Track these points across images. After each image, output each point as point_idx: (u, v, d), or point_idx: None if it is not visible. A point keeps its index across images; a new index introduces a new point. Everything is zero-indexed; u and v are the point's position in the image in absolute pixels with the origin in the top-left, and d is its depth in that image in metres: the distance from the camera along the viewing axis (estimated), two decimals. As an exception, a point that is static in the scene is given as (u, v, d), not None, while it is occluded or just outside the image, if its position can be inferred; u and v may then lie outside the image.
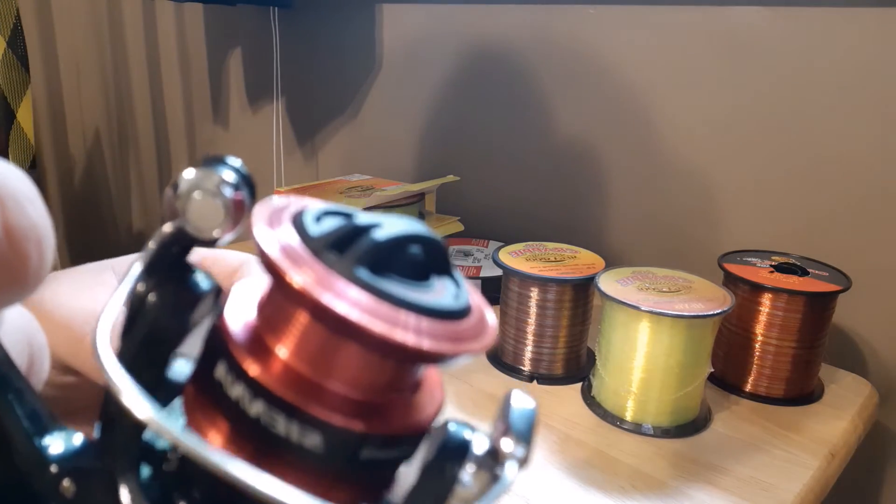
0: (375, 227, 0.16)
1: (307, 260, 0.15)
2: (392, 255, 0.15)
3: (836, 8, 0.66)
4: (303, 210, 0.16)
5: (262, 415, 0.15)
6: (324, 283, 0.14)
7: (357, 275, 0.15)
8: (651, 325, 0.51)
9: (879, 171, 0.66)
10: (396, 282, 0.15)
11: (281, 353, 0.15)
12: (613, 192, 0.85)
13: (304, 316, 0.15)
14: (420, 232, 0.16)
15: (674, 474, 0.48)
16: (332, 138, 1.19)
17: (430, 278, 0.16)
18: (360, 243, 0.15)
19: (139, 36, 1.55)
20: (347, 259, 0.15)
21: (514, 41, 0.91)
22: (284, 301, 0.16)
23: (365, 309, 0.14)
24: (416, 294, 0.15)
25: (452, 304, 0.16)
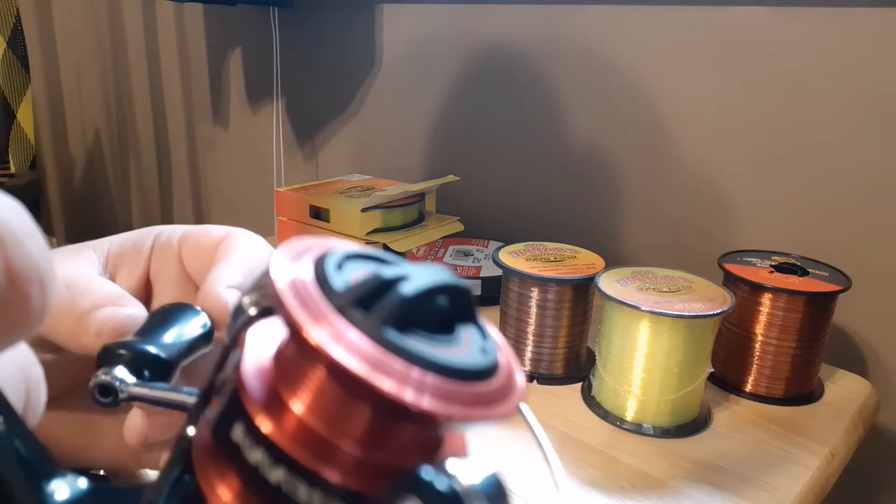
0: (403, 280, 0.15)
1: (330, 315, 0.14)
2: (418, 308, 0.15)
3: (845, 8, 0.66)
4: (325, 254, 0.16)
5: (282, 482, 0.15)
6: (341, 340, 0.14)
7: (385, 336, 0.14)
8: (651, 325, 0.51)
9: (880, 171, 0.66)
10: (421, 338, 0.15)
11: (299, 411, 0.15)
12: (613, 192, 0.85)
13: (322, 374, 0.15)
14: (447, 282, 0.15)
15: (674, 474, 0.48)
16: (332, 138, 1.19)
17: (455, 329, 0.16)
18: (387, 300, 0.15)
19: (139, 36, 1.55)
20: (374, 318, 0.14)
21: (514, 41, 0.91)
22: (303, 358, 0.15)
23: (383, 369, 0.14)
24: (442, 351, 0.14)
25: (479, 361, 0.15)
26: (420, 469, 0.14)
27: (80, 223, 1.91)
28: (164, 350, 0.22)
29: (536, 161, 0.92)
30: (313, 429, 0.15)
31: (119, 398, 0.20)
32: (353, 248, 0.17)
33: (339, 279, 0.15)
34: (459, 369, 0.14)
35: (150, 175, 1.65)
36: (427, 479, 0.14)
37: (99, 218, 1.86)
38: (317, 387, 0.15)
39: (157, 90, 1.55)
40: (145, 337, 0.22)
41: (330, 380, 0.15)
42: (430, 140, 1.05)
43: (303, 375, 0.15)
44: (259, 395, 0.15)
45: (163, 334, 0.23)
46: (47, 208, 1.96)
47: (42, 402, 0.17)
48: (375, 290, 0.15)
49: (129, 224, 1.79)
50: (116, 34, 1.63)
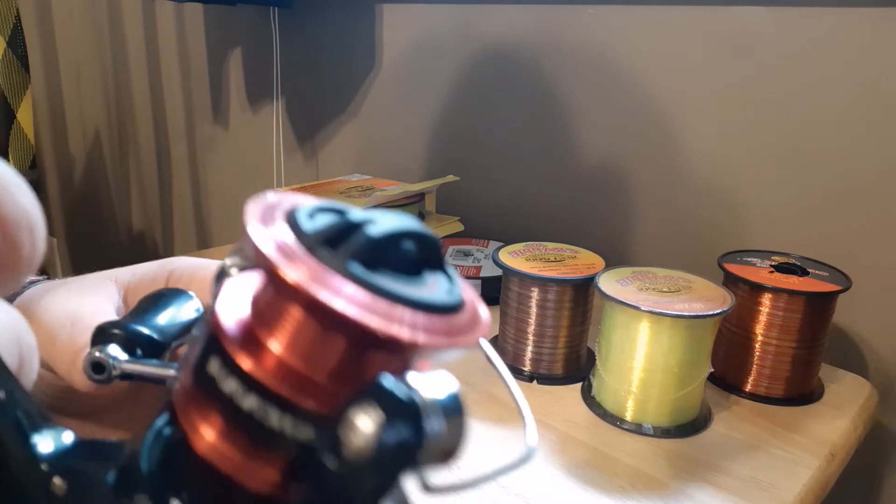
0: (369, 222, 0.16)
1: (301, 256, 0.15)
2: (385, 250, 0.16)
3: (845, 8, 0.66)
4: (296, 207, 0.17)
5: (255, 409, 0.15)
6: (318, 279, 0.14)
7: (350, 270, 0.15)
8: (651, 325, 0.51)
9: (880, 171, 0.66)
10: (389, 277, 0.15)
11: (274, 347, 0.16)
12: (613, 192, 0.85)
13: (297, 311, 0.15)
14: (413, 228, 0.16)
15: (674, 474, 0.48)
16: (333, 138, 1.19)
17: (422, 273, 0.16)
18: (353, 239, 0.15)
19: (139, 36, 1.55)
20: (341, 255, 0.15)
21: (514, 41, 0.91)
22: (278, 296, 0.16)
23: (359, 304, 0.14)
24: (410, 289, 0.15)
25: (445, 298, 0.16)
26: (381, 377, 0.15)
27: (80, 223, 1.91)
28: (157, 331, 0.23)
29: (536, 161, 0.92)
30: (287, 361, 0.15)
31: (112, 375, 0.21)
32: (324, 202, 0.17)
33: (309, 225, 0.16)
34: (431, 304, 0.15)
35: (150, 175, 1.65)
36: (387, 386, 0.14)
37: (99, 218, 1.86)
38: (289, 321, 0.16)
39: (157, 90, 1.55)
40: (138, 318, 0.23)
41: (307, 318, 0.15)
42: (430, 140, 1.05)
43: (276, 311, 0.16)
44: (233, 330, 0.16)
45: (156, 316, 0.23)
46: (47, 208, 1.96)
47: (35, 368, 0.18)
48: (343, 230, 0.16)
49: (128, 224, 1.79)
50: (116, 34, 1.63)
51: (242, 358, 0.15)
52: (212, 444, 0.16)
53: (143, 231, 1.75)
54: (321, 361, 0.15)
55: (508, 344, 0.62)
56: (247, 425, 0.15)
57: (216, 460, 0.16)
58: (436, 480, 0.15)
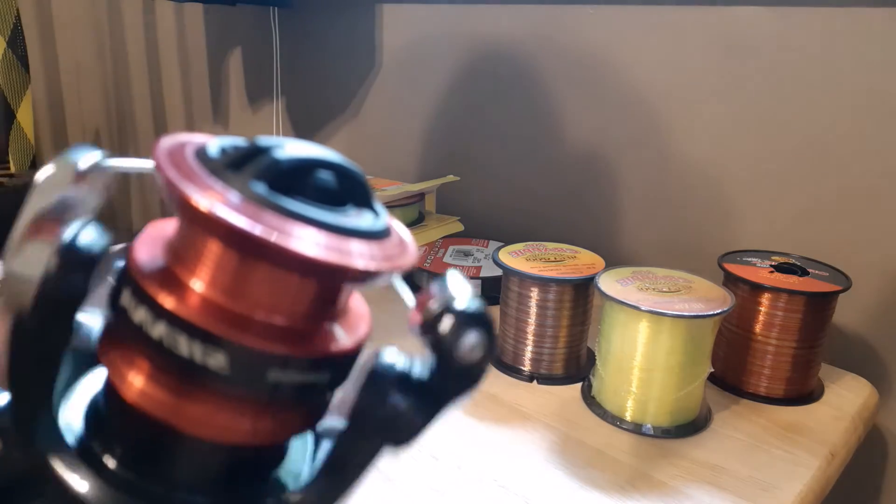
0: (278, 147, 0.15)
1: (200, 175, 0.15)
2: (296, 176, 0.15)
3: (846, 8, 0.66)
4: (205, 143, 0.16)
5: (164, 336, 0.15)
6: (189, 177, 0.14)
7: (251, 189, 0.14)
8: (651, 325, 0.51)
9: (880, 171, 0.66)
10: (302, 202, 0.15)
11: (188, 278, 0.15)
12: (614, 191, 0.85)
13: (194, 229, 0.15)
14: (329, 159, 0.16)
15: (674, 474, 0.48)
16: (332, 138, 1.19)
17: (345, 206, 0.16)
18: (258, 161, 0.15)
19: (139, 36, 1.55)
20: (244, 175, 0.15)
21: (515, 41, 0.91)
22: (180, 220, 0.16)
23: (252, 219, 0.14)
24: (323, 214, 0.15)
25: (369, 226, 0.16)
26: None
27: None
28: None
29: (537, 161, 0.92)
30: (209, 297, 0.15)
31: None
32: (238, 139, 0.17)
33: (217, 153, 0.16)
34: (340, 227, 0.15)
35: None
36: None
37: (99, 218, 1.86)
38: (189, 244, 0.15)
39: (157, 90, 1.55)
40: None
41: (195, 232, 0.15)
42: (430, 140, 1.05)
43: (181, 237, 0.16)
44: (144, 264, 0.16)
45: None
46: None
47: None
48: (250, 154, 0.15)
49: (129, 224, 1.79)
50: (116, 34, 1.63)
51: (153, 288, 0.15)
52: (140, 389, 0.16)
53: (143, 231, 1.75)
54: (222, 281, 0.15)
55: (508, 344, 0.62)
56: (158, 355, 0.15)
57: (147, 405, 0.16)
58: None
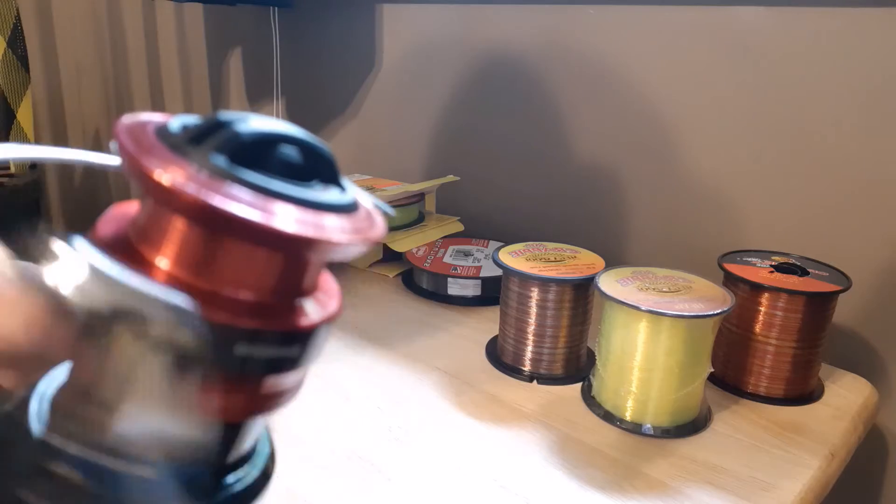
0: (240, 121, 0.15)
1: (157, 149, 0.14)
2: (261, 152, 0.15)
3: (845, 8, 0.66)
4: (169, 120, 0.16)
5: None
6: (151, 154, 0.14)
7: (212, 161, 0.14)
8: (651, 325, 0.51)
9: (880, 171, 0.66)
10: (265, 176, 0.15)
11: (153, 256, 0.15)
12: (614, 192, 0.85)
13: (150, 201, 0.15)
14: (293, 134, 0.16)
15: (674, 474, 0.48)
16: (333, 138, 1.19)
17: (311, 182, 0.16)
18: (219, 134, 0.15)
19: (139, 36, 1.55)
20: (204, 149, 0.15)
21: (515, 41, 0.91)
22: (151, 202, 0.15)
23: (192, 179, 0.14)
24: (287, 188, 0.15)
25: (333, 200, 0.15)
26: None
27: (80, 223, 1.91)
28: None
29: (536, 161, 0.92)
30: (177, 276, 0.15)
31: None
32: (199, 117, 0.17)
33: (178, 130, 0.15)
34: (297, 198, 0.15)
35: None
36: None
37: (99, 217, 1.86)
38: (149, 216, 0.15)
39: (157, 90, 1.55)
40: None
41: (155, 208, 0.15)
42: (430, 140, 1.05)
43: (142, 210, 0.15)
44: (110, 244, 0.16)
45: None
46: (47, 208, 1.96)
47: None
48: (212, 128, 0.15)
49: (129, 224, 1.79)
50: (116, 34, 1.63)
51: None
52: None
53: (143, 231, 1.75)
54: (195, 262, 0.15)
55: (508, 344, 0.62)
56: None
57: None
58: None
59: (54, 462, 0.16)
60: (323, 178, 0.16)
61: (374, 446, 0.50)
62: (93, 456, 0.16)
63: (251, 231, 0.14)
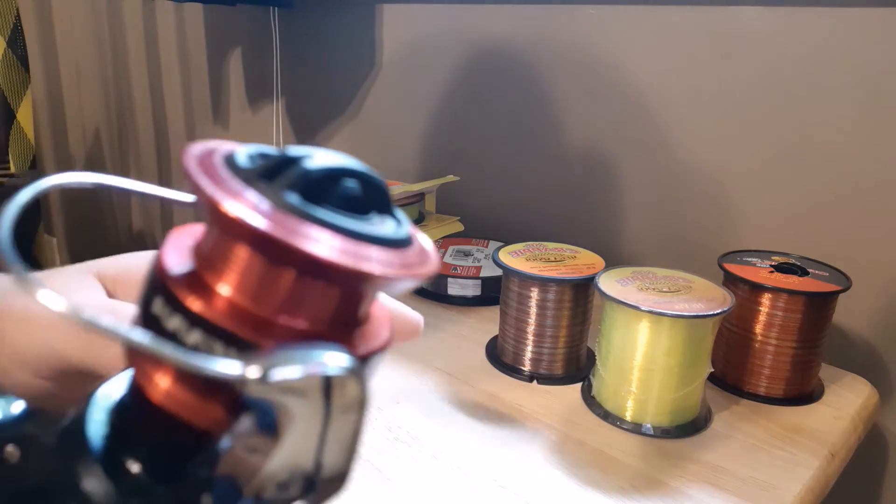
0: (307, 157, 0.16)
1: (238, 189, 0.15)
2: (326, 186, 0.16)
3: (845, 8, 0.66)
4: (234, 150, 0.17)
5: (199, 344, 0.15)
6: (251, 208, 0.14)
7: (286, 200, 0.15)
8: (651, 325, 0.51)
9: (880, 170, 0.66)
10: (332, 211, 0.15)
11: (214, 282, 0.15)
12: (613, 192, 0.85)
13: (232, 244, 0.15)
14: (354, 167, 0.16)
15: (674, 474, 0.48)
16: (333, 138, 1.19)
17: (369, 214, 0.16)
18: (290, 172, 0.15)
19: (139, 36, 1.55)
20: (277, 186, 0.15)
21: (515, 41, 0.91)
22: (216, 233, 0.16)
23: (296, 232, 0.14)
24: (351, 223, 0.15)
25: (390, 233, 0.16)
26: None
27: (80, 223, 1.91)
28: None
29: (537, 161, 0.92)
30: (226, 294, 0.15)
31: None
32: (265, 147, 0.17)
33: (247, 163, 0.16)
34: (376, 237, 0.15)
35: (150, 175, 1.65)
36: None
37: (99, 218, 1.86)
38: (223, 253, 0.15)
39: (157, 90, 1.55)
40: None
41: (249, 252, 0.15)
42: (430, 140, 1.05)
43: (213, 247, 0.16)
44: (175, 268, 0.16)
45: None
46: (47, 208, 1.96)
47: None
48: (281, 165, 0.16)
49: (129, 224, 1.79)
50: (116, 34, 1.63)
51: (184, 294, 0.15)
52: (167, 390, 0.16)
53: (143, 231, 1.75)
54: (264, 295, 0.15)
55: (508, 344, 0.62)
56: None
57: (172, 406, 0.16)
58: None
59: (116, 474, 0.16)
60: (379, 209, 0.17)
61: (374, 446, 0.50)
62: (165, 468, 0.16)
63: (314, 265, 0.14)
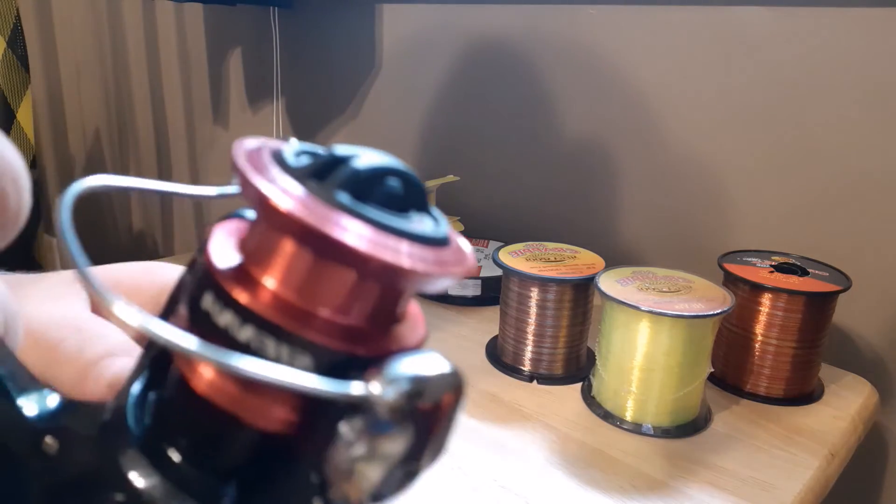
0: (355, 157, 0.16)
1: (291, 187, 0.15)
2: (372, 185, 0.16)
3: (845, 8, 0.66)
4: (281, 147, 0.17)
5: (251, 340, 0.15)
6: (309, 207, 0.15)
7: (338, 199, 0.15)
8: (651, 325, 0.51)
9: (880, 170, 0.66)
10: (376, 209, 0.16)
11: (266, 278, 0.16)
12: (613, 192, 0.85)
13: (289, 242, 0.16)
14: (398, 166, 0.17)
15: (674, 474, 0.48)
16: (333, 138, 1.19)
17: (409, 212, 0.17)
18: (340, 171, 0.16)
19: (139, 36, 1.55)
20: (328, 186, 0.15)
21: (515, 41, 0.91)
22: (269, 230, 0.16)
23: (352, 231, 0.14)
24: (396, 221, 0.16)
25: (431, 232, 0.16)
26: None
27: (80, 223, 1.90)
28: None
29: (537, 161, 0.92)
30: (284, 297, 0.16)
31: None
32: (308, 144, 0.18)
33: (296, 161, 0.16)
34: (419, 235, 0.16)
35: (150, 175, 1.65)
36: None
37: (99, 218, 1.86)
38: (278, 250, 0.16)
39: (157, 90, 1.55)
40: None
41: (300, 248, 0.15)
42: (430, 140, 1.05)
43: (267, 244, 0.16)
44: (226, 264, 0.16)
45: None
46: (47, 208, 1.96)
47: (19, 334, 0.18)
48: (330, 164, 0.16)
49: (129, 224, 1.78)
50: (116, 34, 1.63)
51: (236, 290, 0.15)
52: (210, 380, 0.16)
53: (143, 231, 1.75)
54: (315, 292, 0.16)
55: (508, 344, 0.62)
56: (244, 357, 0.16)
57: (215, 396, 0.16)
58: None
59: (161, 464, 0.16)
60: (417, 208, 0.17)
61: (374, 446, 0.50)
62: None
63: (360, 260, 0.14)
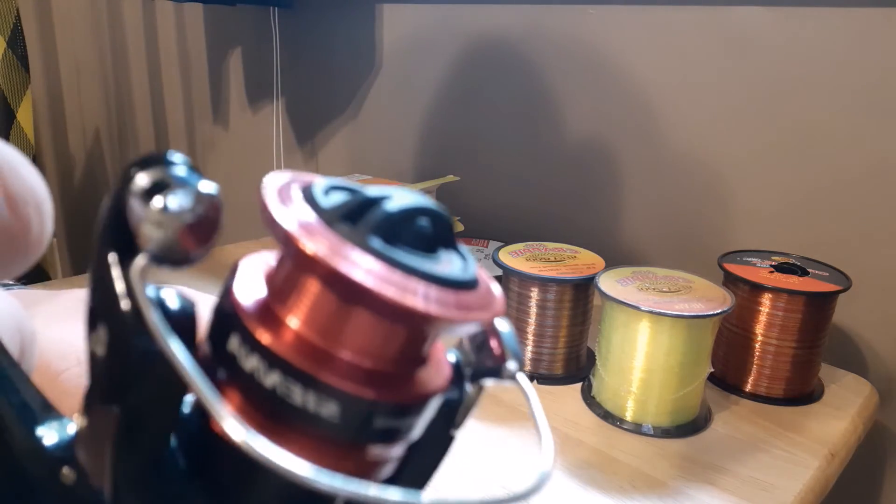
0: (386, 199, 0.16)
1: (321, 230, 0.15)
2: (401, 226, 0.16)
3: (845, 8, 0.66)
4: (311, 184, 0.17)
5: (277, 386, 0.15)
6: (336, 252, 0.14)
7: (371, 244, 0.15)
8: (651, 325, 0.51)
9: (881, 170, 0.66)
10: (407, 252, 0.15)
11: (293, 323, 0.15)
12: (614, 192, 0.85)
13: (315, 285, 0.15)
14: (428, 205, 0.16)
15: (674, 474, 0.48)
16: (332, 138, 1.19)
17: (437, 251, 0.16)
18: (372, 214, 0.16)
19: (139, 36, 1.55)
20: (361, 229, 0.15)
21: (515, 41, 0.91)
22: (296, 271, 0.16)
23: (377, 276, 0.14)
24: (426, 264, 0.15)
25: (460, 274, 0.16)
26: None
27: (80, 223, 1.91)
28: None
29: (537, 161, 0.92)
30: (306, 336, 0.15)
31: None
32: (337, 180, 0.17)
33: (326, 201, 0.16)
34: (447, 279, 0.15)
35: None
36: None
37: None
38: (308, 295, 0.16)
39: (157, 90, 1.55)
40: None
41: (326, 291, 0.15)
42: (429, 140, 1.05)
43: (295, 287, 0.16)
44: (253, 309, 0.16)
45: None
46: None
47: (36, 356, 0.18)
48: (361, 206, 0.16)
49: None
50: (116, 34, 1.63)
51: (263, 334, 0.15)
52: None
53: (143, 231, 1.75)
54: (341, 336, 0.15)
55: (508, 344, 0.62)
56: (267, 402, 0.15)
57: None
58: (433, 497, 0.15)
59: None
60: (445, 245, 0.17)
61: (374, 446, 0.50)
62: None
63: (382, 305, 0.14)
